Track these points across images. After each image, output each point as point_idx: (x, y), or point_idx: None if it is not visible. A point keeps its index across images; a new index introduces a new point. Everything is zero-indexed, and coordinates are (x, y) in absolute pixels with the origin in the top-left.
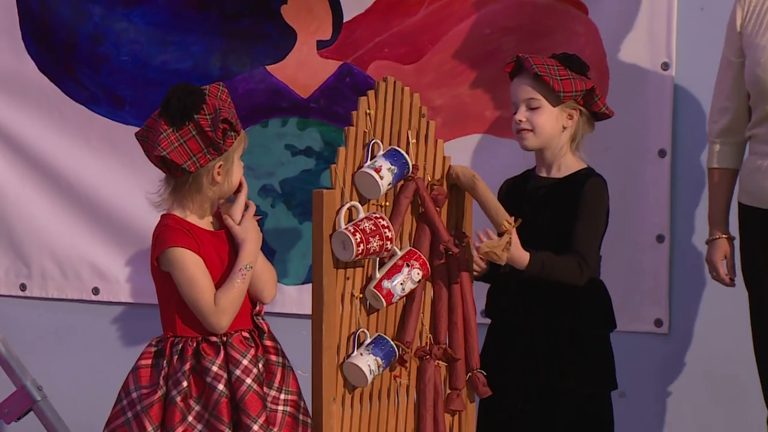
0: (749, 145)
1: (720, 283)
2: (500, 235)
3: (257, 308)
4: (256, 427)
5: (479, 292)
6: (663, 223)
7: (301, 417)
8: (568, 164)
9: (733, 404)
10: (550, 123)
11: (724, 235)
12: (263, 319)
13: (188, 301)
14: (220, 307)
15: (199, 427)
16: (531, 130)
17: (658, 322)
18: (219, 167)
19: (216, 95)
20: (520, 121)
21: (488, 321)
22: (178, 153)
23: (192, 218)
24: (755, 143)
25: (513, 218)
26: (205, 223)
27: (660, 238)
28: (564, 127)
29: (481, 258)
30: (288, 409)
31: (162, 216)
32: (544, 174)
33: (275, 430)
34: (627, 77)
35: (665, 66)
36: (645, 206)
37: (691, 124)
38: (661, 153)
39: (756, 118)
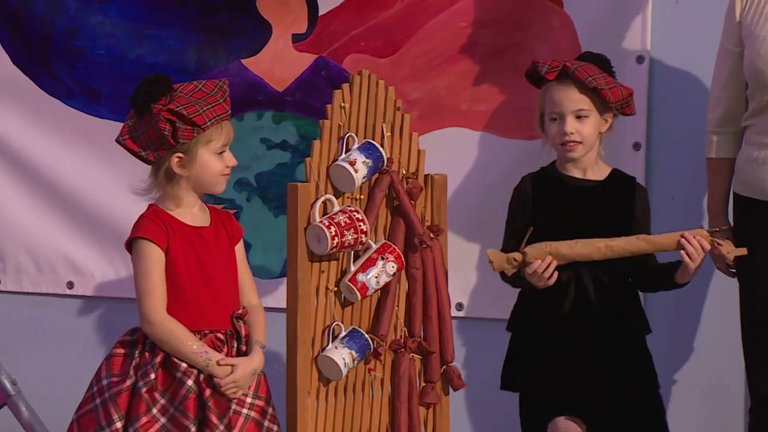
0: (745, 135)
1: (724, 274)
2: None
3: (240, 311)
4: (222, 427)
5: (454, 286)
6: None
7: (266, 423)
8: (599, 164)
9: (716, 404)
10: (595, 131)
11: (723, 227)
12: (244, 323)
13: (137, 292)
14: (165, 326)
15: (163, 420)
16: (580, 142)
17: None
18: (177, 160)
19: (179, 89)
20: (570, 133)
21: (462, 315)
22: (137, 141)
23: (176, 211)
24: (751, 134)
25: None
26: (189, 216)
27: None
28: (600, 132)
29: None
30: (252, 414)
31: (148, 206)
32: (579, 175)
33: None
34: None
35: (640, 59)
36: None
37: (666, 117)
38: (636, 146)
39: (753, 108)
